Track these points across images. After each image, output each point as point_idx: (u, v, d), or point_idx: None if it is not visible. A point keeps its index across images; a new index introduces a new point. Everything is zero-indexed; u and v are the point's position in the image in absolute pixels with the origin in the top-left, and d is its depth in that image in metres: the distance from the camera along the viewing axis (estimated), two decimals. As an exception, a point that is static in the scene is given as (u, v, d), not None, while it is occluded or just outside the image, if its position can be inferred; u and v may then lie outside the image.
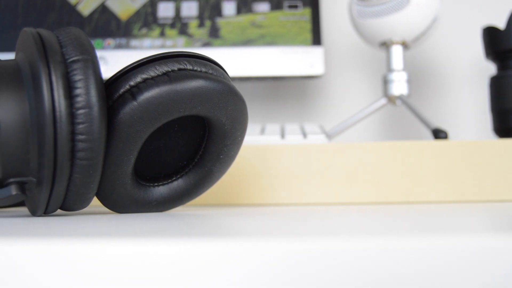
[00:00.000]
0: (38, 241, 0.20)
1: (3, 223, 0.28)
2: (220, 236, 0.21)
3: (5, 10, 0.73)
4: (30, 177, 0.30)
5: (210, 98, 0.32)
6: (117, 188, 0.33)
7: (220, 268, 0.19)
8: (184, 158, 0.36)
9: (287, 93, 0.85)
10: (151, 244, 0.20)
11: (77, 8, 0.72)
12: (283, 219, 0.29)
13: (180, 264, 0.19)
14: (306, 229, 0.23)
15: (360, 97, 0.85)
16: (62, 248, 0.20)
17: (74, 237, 0.21)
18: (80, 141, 0.29)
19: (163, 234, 0.21)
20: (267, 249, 0.19)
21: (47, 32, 0.31)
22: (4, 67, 0.31)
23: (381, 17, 0.65)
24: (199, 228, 0.24)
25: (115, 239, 0.20)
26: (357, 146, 0.50)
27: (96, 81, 0.30)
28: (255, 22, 0.71)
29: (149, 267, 0.20)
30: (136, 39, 0.71)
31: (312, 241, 0.19)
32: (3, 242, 0.20)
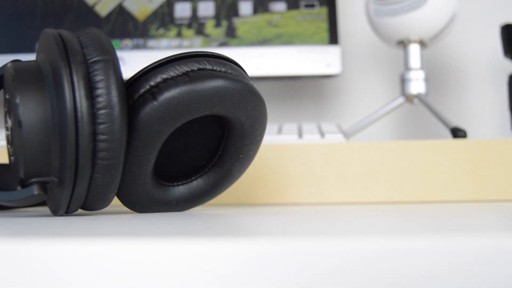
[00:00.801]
0: (61, 240, 0.20)
1: (25, 222, 0.29)
2: (240, 235, 0.21)
3: (24, 12, 0.74)
4: (52, 177, 0.31)
5: (230, 97, 0.32)
6: (137, 187, 0.34)
7: (240, 268, 0.19)
8: (203, 158, 0.37)
9: (303, 93, 0.85)
10: (171, 243, 0.20)
11: (95, 9, 0.73)
12: (301, 219, 0.29)
13: (200, 263, 0.20)
14: (324, 229, 0.23)
15: (377, 96, 0.85)
16: (85, 248, 0.20)
17: (97, 237, 0.21)
18: (101, 141, 0.29)
19: (184, 234, 0.21)
20: (286, 249, 0.19)
21: (68, 33, 0.31)
22: (26, 68, 0.31)
23: (398, 15, 0.65)
24: (219, 228, 0.24)
25: (137, 238, 0.20)
26: (375, 145, 0.50)
27: (117, 81, 0.30)
28: (271, 21, 0.71)
29: (169, 267, 0.20)
30: (153, 39, 0.72)
31: (331, 241, 0.19)
32: (27, 241, 0.20)
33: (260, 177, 0.50)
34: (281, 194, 0.50)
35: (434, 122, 0.84)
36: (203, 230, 0.23)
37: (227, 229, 0.23)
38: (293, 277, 0.19)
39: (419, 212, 0.33)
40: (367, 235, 0.20)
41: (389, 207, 0.40)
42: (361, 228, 0.23)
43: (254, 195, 0.50)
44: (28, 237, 0.21)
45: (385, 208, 0.38)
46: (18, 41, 0.73)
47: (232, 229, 0.24)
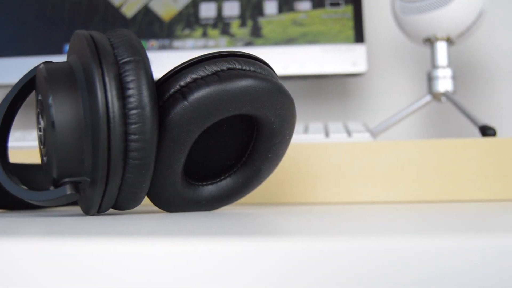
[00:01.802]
0: (96, 240, 0.20)
1: (58, 222, 0.29)
2: (269, 234, 0.21)
3: (51, 14, 0.75)
4: (84, 177, 0.31)
5: (259, 97, 0.32)
6: (168, 187, 0.34)
7: (270, 267, 0.19)
8: (233, 157, 0.37)
9: (329, 91, 0.85)
10: (201, 243, 0.20)
11: (121, 10, 0.73)
12: (329, 218, 0.29)
13: (230, 262, 0.20)
14: (352, 228, 0.23)
15: (403, 95, 0.84)
16: (118, 247, 0.20)
17: (130, 236, 0.21)
18: (133, 141, 0.30)
19: (214, 233, 0.21)
20: (315, 248, 0.19)
21: (99, 34, 0.32)
22: (58, 69, 0.31)
23: (425, 13, 0.64)
24: (248, 227, 0.24)
25: (167, 238, 0.20)
26: (403, 144, 0.50)
27: (148, 81, 0.30)
28: (296, 20, 0.71)
29: (200, 266, 0.20)
30: (179, 39, 0.72)
31: (358, 240, 0.19)
32: (62, 240, 0.20)
33: (287, 177, 0.50)
34: (308, 194, 0.50)
35: (461, 121, 0.83)
36: (233, 229, 0.23)
37: (257, 228, 0.23)
38: (320, 276, 0.19)
39: (447, 211, 0.33)
40: (395, 235, 0.20)
41: (417, 206, 0.40)
42: (389, 227, 0.23)
43: (281, 195, 0.50)
44: (64, 236, 0.21)
45: (413, 208, 0.38)
46: (46, 42, 0.74)
47: (262, 228, 0.24)
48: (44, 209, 0.45)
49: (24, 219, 0.32)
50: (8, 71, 0.74)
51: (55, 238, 0.21)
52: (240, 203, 0.49)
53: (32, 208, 0.46)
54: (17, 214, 0.38)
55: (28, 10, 0.75)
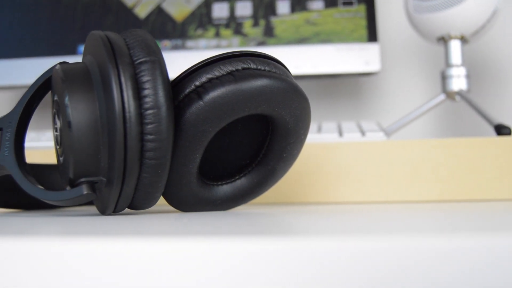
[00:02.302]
0: (113, 239, 0.20)
1: (75, 222, 0.29)
2: (284, 234, 0.21)
3: (64, 15, 0.75)
4: (100, 176, 0.31)
5: (275, 96, 0.32)
6: (183, 187, 0.34)
7: (284, 266, 0.19)
8: (247, 157, 0.37)
9: (342, 91, 0.84)
10: (218, 242, 0.20)
11: (134, 11, 0.74)
12: (343, 218, 0.29)
13: (246, 262, 0.20)
14: (367, 228, 0.23)
15: (417, 94, 0.84)
16: (136, 246, 0.20)
17: (147, 236, 0.21)
18: (149, 141, 0.30)
19: (229, 233, 0.21)
20: (330, 248, 0.19)
21: (115, 35, 0.32)
22: (74, 69, 0.32)
23: (438, 11, 0.64)
24: (264, 227, 0.24)
25: (183, 237, 0.20)
26: (418, 143, 0.50)
27: (164, 81, 0.30)
28: (309, 20, 0.71)
29: (215, 265, 0.20)
30: (191, 40, 0.72)
31: (373, 240, 0.19)
32: (80, 240, 0.21)
33: (300, 176, 0.50)
34: (322, 193, 0.50)
35: (475, 120, 0.82)
36: (248, 229, 0.23)
37: (272, 228, 0.23)
38: (336, 276, 0.19)
39: (463, 211, 0.33)
40: (410, 234, 0.20)
41: (432, 206, 0.39)
42: (404, 227, 0.23)
43: (294, 194, 0.50)
44: (82, 236, 0.21)
45: (428, 207, 0.38)
46: (59, 43, 0.75)
47: (277, 228, 0.24)
48: (60, 209, 0.45)
49: (40, 219, 0.32)
50: (22, 72, 0.74)
51: (72, 238, 0.21)
52: (253, 203, 0.49)
53: (47, 208, 0.46)
54: (33, 214, 0.39)
55: (42, 12, 0.76)
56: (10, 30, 0.76)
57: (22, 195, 0.43)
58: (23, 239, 0.21)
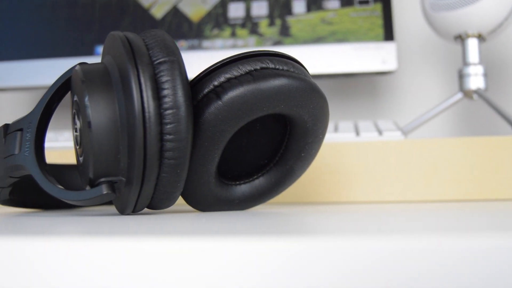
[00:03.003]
0: (136, 239, 0.21)
1: (95, 221, 0.29)
2: (303, 234, 0.21)
3: (82, 16, 0.76)
4: (120, 176, 0.31)
5: (293, 96, 0.32)
6: (201, 186, 0.34)
7: (303, 266, 0.19)
8: (265, 157, 0.37)
9: (358, 90, 0.84)
10: (236, 241, 0.20)
11: (150, 11, 0.74)
12: (361, 218, 0.28)
13: (264, 261, 0.20)
14: (385, 227, 0.23)
15: (433, 93, 0.83)
16: (156, 246, 0.20)
17: (167, 235, 0.21)
18: (168, 141, 0.30)
19: (248, 233, 0.21)
20: (348, 247, 0.19)
21: (134, 35, 0.32)
22: (94, 70, 0.32)
23: (455, 9, 0.63)
24: (283, 226, 0.24)
25: (202, 237, 0.20)
26: (436, 142, 0.49)
27: (183, 81, 0.30)
28: (325, 19, 0.71)
29: (233, 264, 0.20)
30: (208, 40, 0.72)
31: (391, 240, 0.19)
32: (103, 239, 0.21)
33: (317, 176, 0.50)
34: (339, 193, 0.49)
35: (493, 118, 0.81)
36: (268, 229, 0.23)
37: (291, 228, 0.23)
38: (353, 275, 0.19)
39: (481, 210, 0.32)
40: (428, 234, 0.20)
41: (450, 206, 0.39)
42: (423, 226, 0.23)
43: (311, 194, 0.50)
44: (103, 236, 0.21)
45: (446, 207, 0.38)
46: (77, 44, 0.75)
47: (296, 227, 0.24)
48: (78, 209, 0.46)
49: (60, 218, 0.33)
50: (40, 73, 0.75)
51: (93, 237, 0.21)
52: (270, 202, 0.49)
53: (65, 207, 0.47)
54: (52, 213, 0.39)
55: (60, 13, 0.76)
56: (28, 32, 0.77)
57: (40, 195, 0.43)
58: (45, 238, 0.21)
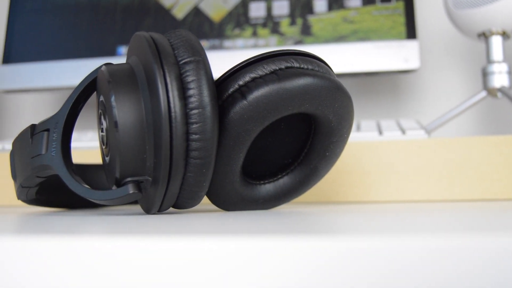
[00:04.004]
0: (163, 238, 0.21)
1: (121, 221, 0.29)
2: (329, 233, 0.20)
3: (105, 17, 0.76)
4: (146, 176, 0.31)
5: (318, 95, 0.32)
6: (226, 186, 0.34)
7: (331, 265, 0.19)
8: (290, 156, 0.37)
9: (380, 88, 0.84)
10: (261, 241, 0.20)
11: (172, 12, 0.74)
12: (386, 217, 0.28)
13: (288, 261, 0.20)
14: (410, 227, 0.22)
15: (456, 91, 0.82)
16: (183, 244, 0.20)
17: (194, 234, 0.21)
18: (194, 141, 0.30)
19: (273, 232, 0.21)
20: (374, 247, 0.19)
21: (159, 35, 0.32)
22: (120, 70, 0.32)
23: (479, 6, 0.63)
24: (307, 226, 0.24)
25: (228, 236, 0.20)
26: (460, 141, 0.49)
27: (208, 81, 0.30)
28: (347, 18, 0.71)
29: (258, 263, 0.20)
30: (229, 39, 0.72)
31: (417, 239, 0.19)
32: (131, 239, 0.21)
33: (340, 175, 0.49)
34: (362, 192, 0.49)
35: (517, 116, 0.80)
36: (293, 228, 0.23)
37: (316, 227, 0.23)
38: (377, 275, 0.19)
39: (506, 210, 0.32)
40: (452, 233, 0.20)
41: (475, 205, 0.39)
42: (449, 226, 0.22)
43: (334, 193, 0.50)
44: (131, 235, 0.21)
45: (470, 206, 0.37)
46: (99, 45, 0.76)
47: (321, 227, 0.23)
48: (102, 208, 0.46)
49: (86, 218, 0.33)
50: (63, 74, 0.76)
51: (121, 236, 0.21)
52: (293, 202, 0.49)
53: (89, 207, 0.47)
54: (77, 213, 0.39)
55: (82, 14, 0.77)
56: (51, 33, 0.78)
57: (66, 194, 0.44)
58: (73, 237, 0.21)
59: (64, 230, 0.24)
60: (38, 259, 0.21)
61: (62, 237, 0.21)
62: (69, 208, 0.45)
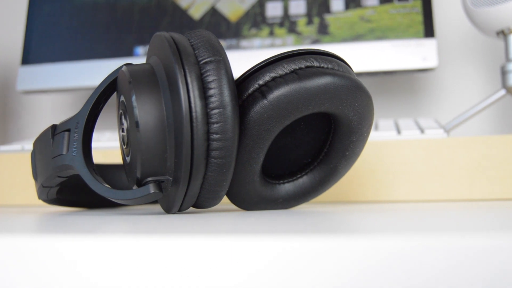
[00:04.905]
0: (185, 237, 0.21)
1: (142, 220, 0.30)
2: (349, 232, 0.20)
3: (122, 18, 0.76)
4: (167, 175, 0.31)
5: (338, 94, 0.32)
6: (246, 185, 0.34)
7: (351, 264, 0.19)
8: (309, 155, 0.37)
9: (397, 87, 0.83)
10: (282, 240, 0.20)
11: (188, 12, 0.75)
12: (406, 216, 0.28)
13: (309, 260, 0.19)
14: (430, 226, 0.22)
15: (474, 89, 0.82)
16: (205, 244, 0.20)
17: (215, 234, 0.21)
18: (215, 140, 0.30)
19: (293, 231, 0.21)
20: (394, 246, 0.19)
21: (179, 36, 0.32)
22: (140, 70, 0.32)
23: (497, 4, 0.62)
24: (328, 225, 0.24)
25: (249, 236, 0.20)
26: (480, 140, 0.48)
27: (229, 81, 0.30)
28: (364, 16, 0.70)
29: (279, 262, 0.20)
30: (246, 39, 0.72)
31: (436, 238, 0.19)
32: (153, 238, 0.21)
33: (358, 175, 0.49)
34: (382, 191, 0.49)
35: (536, 115, 0.80)
36: (314, 227, 0.23)
37: (337, 227, 0.23)
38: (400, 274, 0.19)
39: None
40: (474, 233, 0.19)
41: (495, 204, 0.38)
42: (466, 226, 0.22)
43: (353, 193, 0.49)
44: (152, 234, 0.21)
45: (490, 206, 0.37)
46: (117, 46, 0.76)
47: (341, 226, 0.23)
48: (122, 208, 0.46)
49: (107, 217, 0.33)
50: (81, 75, 0.76)
51: (143, 236, 0.21)
52: (312, 201, 0.49)
53: (108, 206, 0.47)
54: (98, 212, 0.40)
55: (100, 15, 0.78)
56: (69, 34, 0.78)
57: (85, 194, 0.44)
58: (96, 237, 0.21)
59: (87, 229, 0.24)
60: (61, 258, 0.21)
61: (86, 236, 0.21)
62: (88, 207, 0.46)
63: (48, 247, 0.21)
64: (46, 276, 0.21)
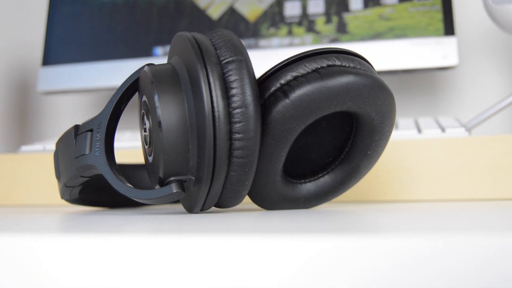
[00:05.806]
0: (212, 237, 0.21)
1: (165, 220, 0.30)
2: (373, 232, 0.20)
3: (141, 19, 0.77)
4: (189, 175, 0.32)
5: (361, 93, 0.32)
6: (268, 185, 0.34)
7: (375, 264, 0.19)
8: (331, 155, 0.36)
9: (417, 86, 0.83)
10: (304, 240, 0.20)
11: (207, 12, 0.75)
12: (428, 216, 0.28)
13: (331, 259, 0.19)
14: (453, 226, 0.22)
15: (495, 88, 0.81)
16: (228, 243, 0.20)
17: (238, 233, 0.21)
18: (237, 140, 0.30)
19: (315, 231, 0.21)
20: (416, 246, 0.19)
21: (201, 35, 0.32)
22: (162, 71, 0.32)
23: (519, 1, 0.61)
24: (351, 224, 0.24)
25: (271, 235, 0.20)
26: (502, 138, 0.48)
27: (251, 80, 0.30)
28: (383, 15, 0.70)
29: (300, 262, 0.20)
30: (264, 39, 0.72)
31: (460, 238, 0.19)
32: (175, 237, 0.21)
33: (379, 174, 0.49)
34: (402, 191, 0.49)
35: (559, 113, 0.79)
36: (336, 227, 0.23)
37: (359, 226, 0.23)
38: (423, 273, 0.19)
39: None
40: (494, 232, 0.19)
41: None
42: (486, 225, 0.22)
43: (373, 192, 0.49)
44: (175, 234, 0.21)
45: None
46: (136, 46, 0.77)
47: (363, 226, 0.23)
48: (144, 207, 0.46)
49: (130, 217, 0.33)
50: (100, 75, 0.77)
51: (166, 235, 0.21)
52: (333, 201, 0.49)
53: (130, 206, 0.47)
54: (120, 212, 0.40)
55: (118, 16, 0.78)
56: (88, 35, 0.79)
57: (108, 193, 0.44)
58: (120, 236, 0.21)
59: (110, 229, 0.24)
60: (85, 257, 0.21)
61: (109, 235, 0.22)
62: (110, 207, 0.46)
63: (71, 246, 0.22)
64: (69, 275, 0.22)
